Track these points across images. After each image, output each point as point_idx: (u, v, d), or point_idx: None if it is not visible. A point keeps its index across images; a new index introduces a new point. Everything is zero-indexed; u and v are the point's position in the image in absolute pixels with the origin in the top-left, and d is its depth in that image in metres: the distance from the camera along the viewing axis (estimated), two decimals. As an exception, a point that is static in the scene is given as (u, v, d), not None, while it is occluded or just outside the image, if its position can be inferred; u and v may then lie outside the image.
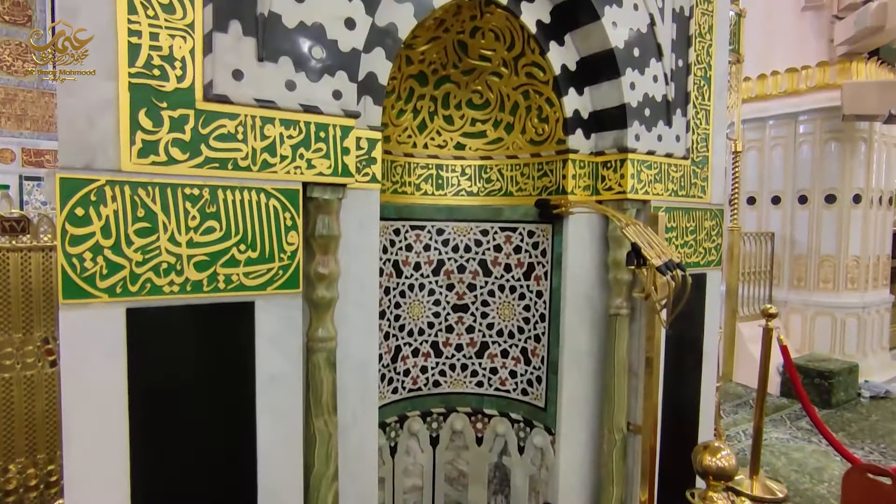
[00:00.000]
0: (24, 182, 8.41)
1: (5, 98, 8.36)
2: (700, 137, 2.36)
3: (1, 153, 8.16)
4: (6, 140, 8.15)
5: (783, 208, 6.11)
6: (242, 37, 1.34)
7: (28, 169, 8.45)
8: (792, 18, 5.96)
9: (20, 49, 8.48)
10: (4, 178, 8.00)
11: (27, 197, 8.36)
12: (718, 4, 2.38)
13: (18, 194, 8.20)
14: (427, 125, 2.35)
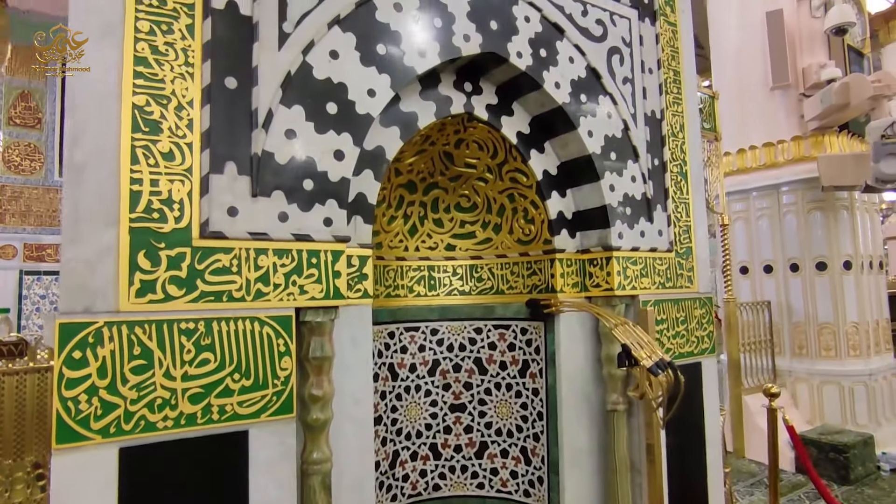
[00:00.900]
0: (24, 277, 8.48)
1: (11, 196, 8.59)
2: (682, 230, 2.44)
3: (3, 249, 8.29)
4: (9, 236, 8.30)
5: (776, 277, 6.17)
6: (237, 176, 1.43)
7: (29, 263, 8.54)
8: (762, 97, 6.28)
9: (29, 149, 8.81)
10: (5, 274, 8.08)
11: (26, 291, 8.40)
12: (688, 106, 2.54)
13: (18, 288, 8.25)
14: (418, 229, 2.43)
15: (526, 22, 2.01)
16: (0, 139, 8.25)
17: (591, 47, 2.19)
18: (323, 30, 1.57)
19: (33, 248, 8.52)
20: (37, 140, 8.76)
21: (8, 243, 8.22)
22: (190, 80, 1.39)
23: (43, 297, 8.45)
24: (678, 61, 2.52)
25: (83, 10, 1.30)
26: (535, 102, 2.12)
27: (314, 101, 1.55)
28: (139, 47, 1.34)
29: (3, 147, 8.55)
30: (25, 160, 8.73)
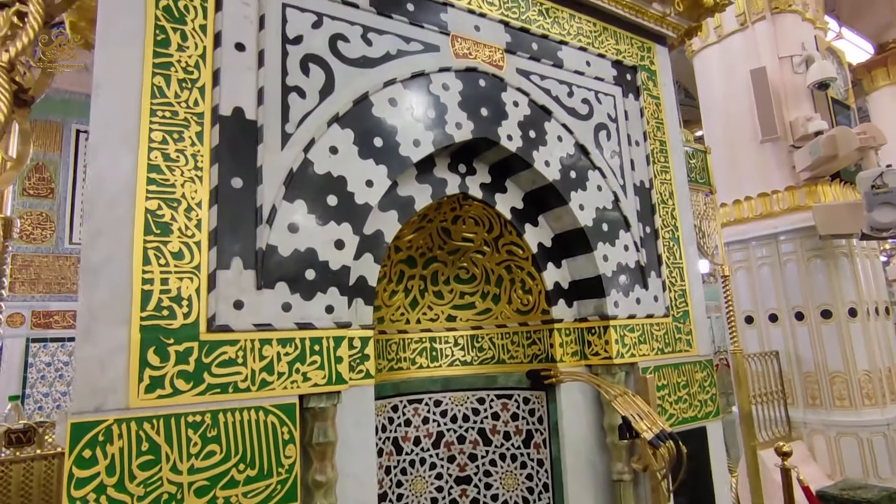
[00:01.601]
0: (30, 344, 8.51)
1: (21, 265, 8.74)
2: (677, 294, 2.49)
3: (11, 318, 8.36)
4: (17, 304, 8.38)
5: (782, 326, 6.14)
6: (243, 270, 1.50)
7: (36, 331, 8.58)
8: (753, 149, 6.44)
9: (41, 218, 9.02)
10: (12, 342, 8.11)
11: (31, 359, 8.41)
12: (675, 174, 2.64)
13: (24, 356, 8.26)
14: (418, 301, 2.49)
15: (515, 106, 2.14)
16: (15, 213, 8.46)
17: (579, 125, 2.31)
18: (323, 128, 1.69)
19: (41, 315, 8.59)
20: (49, 209, 8.99)
21: (16, 311, 8.30)
22: (199, 182, 1.49)
23: (48, 364, 8.45)
24: (663, 132, 2.64)
25: (102, 123, 1.41)
26: (527, 180, 2.22)
27: (315, 195, 1.64)
28: (153, 156, 1.44)
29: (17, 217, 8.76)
30: (37, 229, 8.93)
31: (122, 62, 1.44)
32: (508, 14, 2.22)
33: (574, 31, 2.42)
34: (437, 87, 1.95)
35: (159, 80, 1.48)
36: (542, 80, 2.25)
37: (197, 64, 1.54)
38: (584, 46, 2.43)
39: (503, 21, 2.19)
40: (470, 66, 2.04)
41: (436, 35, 1.99)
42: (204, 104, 1.53)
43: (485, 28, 2.13)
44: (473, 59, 2.06)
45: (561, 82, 2.31)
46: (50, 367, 8.37)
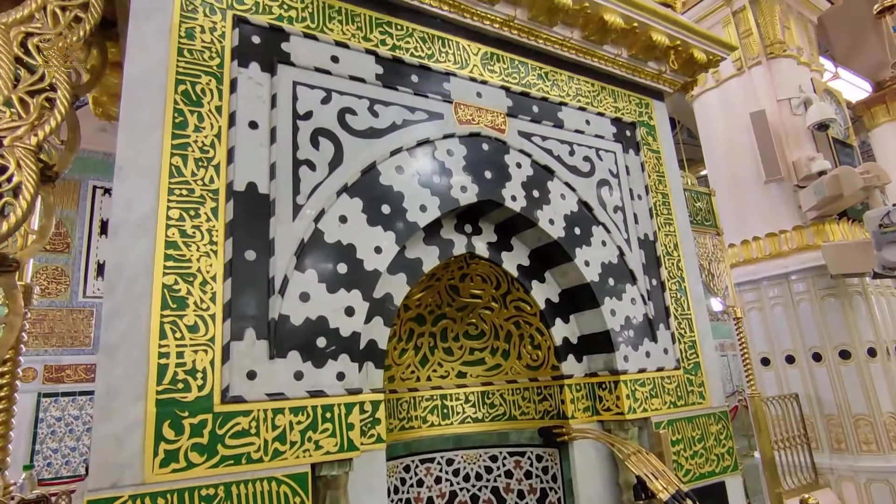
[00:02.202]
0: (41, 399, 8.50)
1: (35, 319, 8.84)
2: (687, 346, 2.48)
3: (24, 372, 8.36)
4: (30, 359, 8.43)
5: (799, 367, 6.03)
6: (256, 341, 1.54)
7: (48, 385, 8.59)
8: (758, 190, 6.49)
9: (56, 272, 9.17)
10: (24, 398, 8.11)
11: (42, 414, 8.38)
12: (679, 225, 2.68)
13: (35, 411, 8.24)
14: (428, 358, 2.50)
15: (518, 168, 2.20)
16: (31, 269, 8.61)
17: (581, 182, 2.37)
18: (332, 198, 1.75)
19: (53, 370, 8.61)
20: (64, 263, 9.14)
21: (29, 366, 8.34)
22: (214, 256, 1.54)
23: (59, 419, 8.43)
24: (665, 184, 2.70)
25: (123, 205, 1.48)
26: (532, 238, 2.27)
27: (326, 264, 1.69)
28: (170, 233, 1.50)
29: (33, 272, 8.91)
30: (52, 283, 9.06)
31: (143, 146, 1.53)
32: (509, 79, 2.32)
33: (573, 92, 2.52)
34: (442, 153, 2.03)
35: (177, 160, 1.56)
36: (543, 141, 2.32)
37: (213, 143, 1.62)
38: (584, 106, 2.52)
39: (504, 86, 2.28)
40: (473, 131, 2.12)
41: (440, 103, 2.08)
42: (219, 181, 1.60)
43: (486, 94, 2.22)
44: (476, 125, 2.14)
45: (562, 142, 2.38)
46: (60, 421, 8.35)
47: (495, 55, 2.32)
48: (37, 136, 1.75)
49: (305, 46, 1.85)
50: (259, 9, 1.81)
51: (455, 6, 2.18)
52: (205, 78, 1.66)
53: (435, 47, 2.15)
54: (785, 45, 6.69)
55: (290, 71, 1.80)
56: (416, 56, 2.08)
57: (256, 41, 1.77)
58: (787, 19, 6.95)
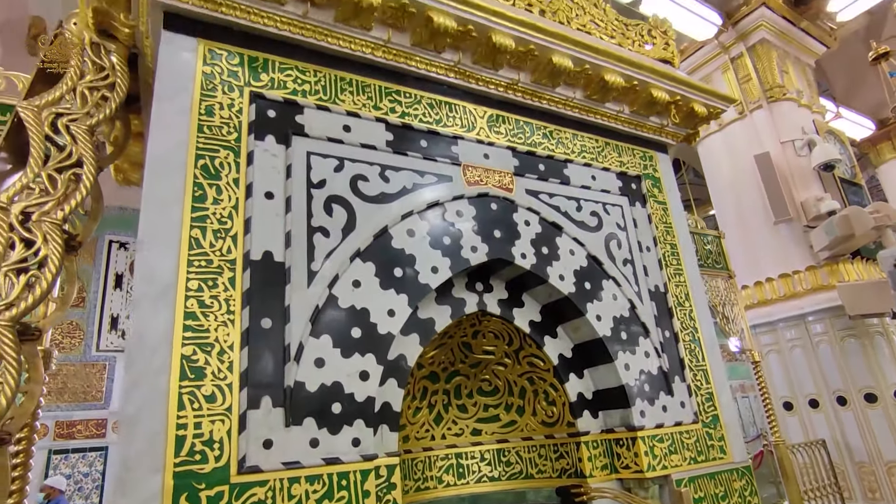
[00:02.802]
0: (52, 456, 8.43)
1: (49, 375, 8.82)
2: (704, 398, 2.45)
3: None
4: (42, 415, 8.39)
5: (824, 412, 5.86)
6: (272, 409, 1.55)
7: (58, 442, 8.53)
8: (768, 230, 6.48)
9: (70, 327, 9.25)
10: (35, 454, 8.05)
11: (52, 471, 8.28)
12: (689, 274, 2.69)
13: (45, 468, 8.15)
14: (443, 416, 2.48)
15: (526, 225, 2.25)
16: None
17: (589, 237, 2.41)
18: (346, 263, 1.79)
19: (64, 426, 8.57)
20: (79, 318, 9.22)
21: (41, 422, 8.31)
22: (231, 326, 1.58)
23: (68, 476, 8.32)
24: (673, 235, 2.72)
25: (145, 278, 1.53)
26: (543, 294, 2.28)
27: (340, 329, 1.72)
28: (189, 304, 1.54)
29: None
30: (66, 338, 9.13)
31: (165, 220, 1.59)
32: (515, 140, 2.39)
33: (578, 149, 2.58)
34: (452, 214, 2.08)
35: (196, 232, 1.62)
36: (550, 198, 2.37)
37: (230, 214, 1.69)
38: (589, 162, 2.58)
39: (510, 147, 2.36)
40: (482, 191, 2.18)
41: (448, 166, 2.15)
42: (236, 251, 1.66)
43: (493, 155, 2.29)
44: (485, 185, 2.20)
45: (569, 198, 2.43)
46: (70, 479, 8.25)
47: (501, 117, 2.40)
48: (63, 211, 1.83)
49: (319, 117, 1.94)
50: (274, 84, 1.91)
51: (461, 73, 2.27)
52: (223, 152, 1.74)
53: (442, 112, 2.24)
54: (784, 89, 6.82)
55: (304, 142, 1.88)
56: (424, 122, 2.16)
57: (272, 115, 1.86)
58: (785, 64, 7.11)
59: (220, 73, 1.83)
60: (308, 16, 1.95)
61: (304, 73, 1.98)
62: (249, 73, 1.88)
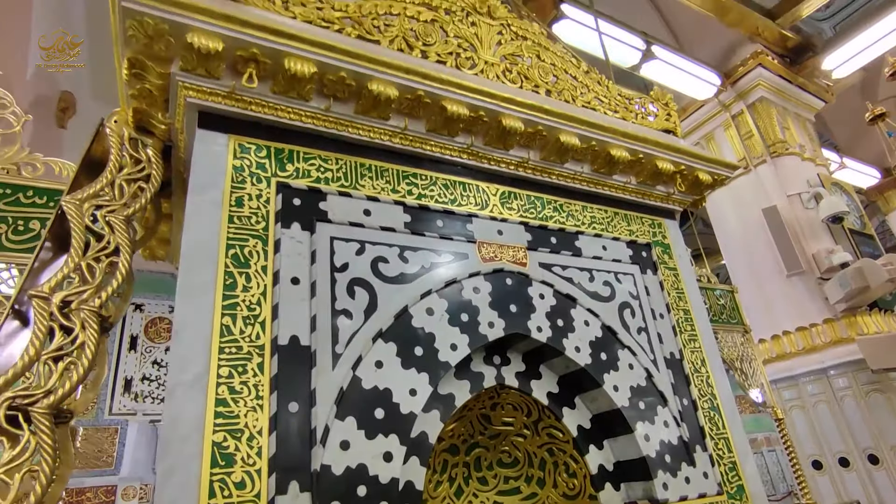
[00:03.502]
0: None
1: (64, 441, 8.76)
2: (728, 467, 2.42)
3: (45, 499, 8.20)
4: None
5: (856, 471, 5.67)
6: (299, 494, 1.58)
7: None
8: (781, 283, 6.48)
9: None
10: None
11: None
12: (704, 340, 2.71)
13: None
14: (463, 490, 2.46)
15: (541, 299, 2.31)
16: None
17: (603, 307, 2.46)
18: (368, 344, 1.86)
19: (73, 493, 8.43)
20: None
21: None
22: (260, 411, 1.63)
23: (74, 553, 8.14)
24: (685, 301, 2.76)
25: (179, 365, 1.60)
26: (560, 365, 2.32)
27: (364, 410, 1.76)
28: (220, 390, 1.60)
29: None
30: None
31: (198, 309, 1.67)
32: (527, 215, 2.49)
33: (588, 220, 2.67)
34: (469, 291, 2.15)
35: (227, 319, 1.70)
36: (563, 270, 2.44)
37: (259, 301, 1.77)
38: (599, 233, 2.66)
39: (523, 222, 2.45)
40: (497, 267, 2.26)
41: (464, 244, 2.24)
42: (265, 336, 1.73)
43: (507, 231, 2.38)
44: (499, 261, 2.28)
45: (581, 269, 2.50)
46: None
47: (513, 193, 2.51)
48: (100, 299, 1.92)
49: (341, 203, 2.05)
50: (299, 173, 2.04)
51: (473, 154, 2.40)
52: (252, 241, 1.84)
53: (457, 192, 2.35)
54: (787, 144, 6.98)
55: (328, 227, 1.98)
56: (440, 202, 2.27)
57: (297, 203, 1.97)
58: (785, 120, 7.30)
59: (249, 165, 1.96)
60: (330, 109, 2.10)
61: (327, 161, 2.11)
62: (276, 164, 2.01)
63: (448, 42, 2.53)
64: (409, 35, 2.41)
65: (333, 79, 2.03)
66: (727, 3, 6.53)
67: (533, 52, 2.81)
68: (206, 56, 1.84)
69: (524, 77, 2.69)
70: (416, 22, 2.47)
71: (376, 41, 2.31)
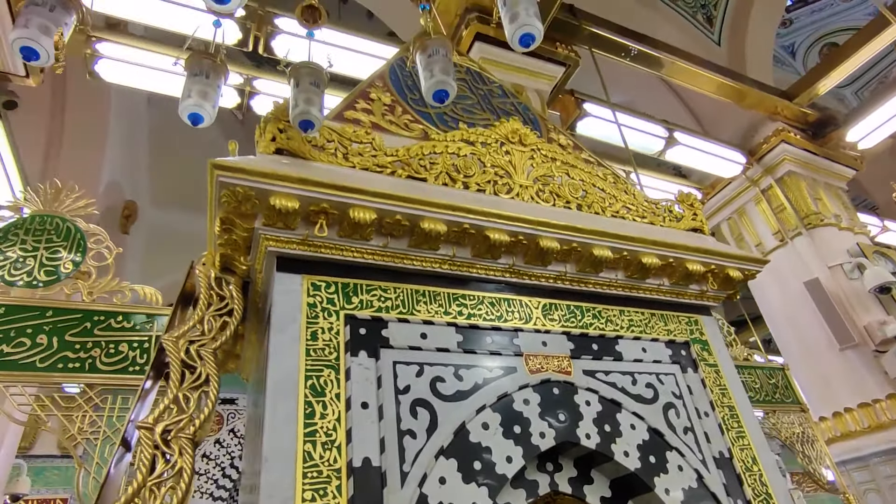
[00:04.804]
0: None
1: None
2: (792, 572, 2.41)
3: None
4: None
5: (944, 561, 5.25)
6: None
7: None
8: (834, 357, 6.32)
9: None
10: None
11: None
12: (752, 436, 2.76)
13: None
14: None
15: (587, 406, 2.45)
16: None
17: (648, 410, 2.57)
18: (432, 462, 2.03)
19: None
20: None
21: None
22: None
23: None
24: (729, 397, 2.85)
25: (267, 495, 1.81)
26: (610, 470, 2.42)
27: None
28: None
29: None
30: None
31: (283, 439, 1.90)
32: (568, 324, 2.68)
33: (626, 324, 2.85)
34: (520, 403, 2.32)
35: (308, 446, 1.92)
36: (606, 376, 2.60)
37: (335, 426, 1.99)
38: (638, 335, 2.82)
39: (565, 332, 2.64)
40: (543, 378, 2.44)
41: (512, 358, 2.44)
42: (341, 460, 1.93)
43: (550, 342, 2.57)
44: (545, 372, 2.46)
45: (624, 373, 2.65)
46: None
47: (553, 305, 2.72)
48: (194, 426, 2.18)
49: (400, 329, 2.30)
50: (363, 305, 2.31)
51: (515, 272, 2.65)
52: (326, 371, 2.09)
53: (502, 308, 2.58)
54: (821, 216, 7.03)
55: (390, 352, 2.22)
56: (487, 320, 2.50)
57: (363, 332, 2.23)
58: (817, 191, 7.38)
59: (321, 301, 2.25)
60: (388, 246, 2.40)
61: (386, 291, 2.39)
62: (343, 298, 2.30)
63: (486, 171, 2.86)
64: (451, 170, 2.75)
65: (390, 221, 2.35)
66: (743, 89, 6.87)
67: (562, 171, 3.12)
68: (285, 213, 2.19)
69: (556, 195, 2.98)
70: (457, 157, 2.82)
71: (423, 178, 2.65)
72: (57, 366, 3.19)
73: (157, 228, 10.11)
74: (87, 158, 8.46)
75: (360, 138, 2.63)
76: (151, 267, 10.25)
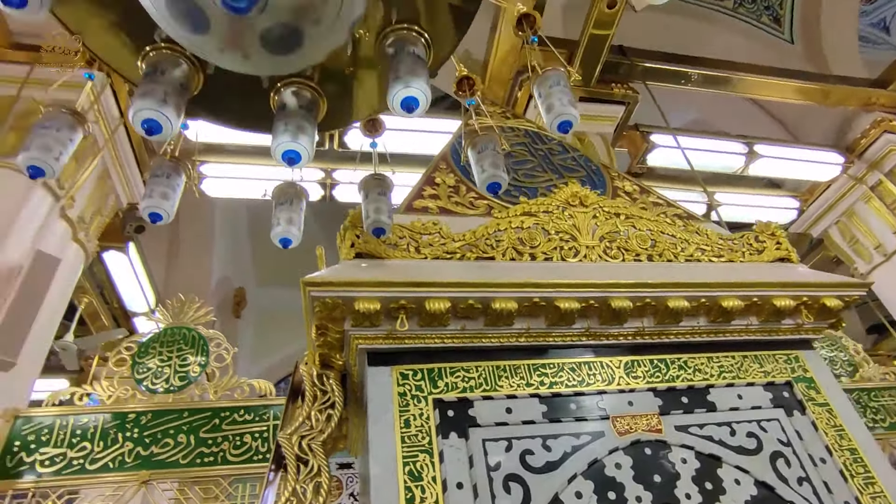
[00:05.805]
0: None
1: None
2: None
3: None
4: None
5: None
6: None
7: None
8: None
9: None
10: None
11: None
12: (884, 481, 2.54)
13: None
14: None
15: (683, 463, 2.42)
16: None
17: (752, 462, 2.48)
18: None
19: None
20: None
21: None
22: None
23: None
24: (849, 439, 2.66)
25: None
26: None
27: None
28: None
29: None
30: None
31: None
32: (653, 380, 2.68)
33: (716, 371, 2.78)
34: (612, 468, 2.35)
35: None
36: (701, 429, 2.55)
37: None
38: (731, 382, 2.74)
39: (650, 388, 2.64)
40: (633, 439, 2.45)
41: (599, 422, 2.48)
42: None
43: (637, 401, 2.59)
44: (635, 433, 2.47)
45: (720, 424, 2.58)
46: None
47: (635, 361, 2.74)
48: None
49: (486, 406, 2.44)
50: (449, 387, 2.48)
51: (592, 335, 2.71)
52: (421, 455, 2.27)
53: (583, 373, 2.64)
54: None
55: (478, 431, 2.36)
56: (569, 386, 2.57)
57: (451, 414, 2.40)
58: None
59: (410, 389, 2.45)
60: (465, 328, 2.58)
61: (469, 371, 2.55)
62: (430, 383, 2.48)
63: (551, 239, 2.99)
64: (516, 244, 2.91)
65: (464, 306, 2.53)
66: (824, 87, 6.48)
67: (627, 224, 3.16)
68: (368, 315, 2.45)
69: (624, 250, 3.03)
70: (521, 230, 2.98)
71: (492, 257, 2.83)
72: (196, 461, 3.64)
73: (264, 308, 11.12)
74: (200, 259, 9.62)
75: (428, 230, 2.87)
76: (262, 343, 11.24)
